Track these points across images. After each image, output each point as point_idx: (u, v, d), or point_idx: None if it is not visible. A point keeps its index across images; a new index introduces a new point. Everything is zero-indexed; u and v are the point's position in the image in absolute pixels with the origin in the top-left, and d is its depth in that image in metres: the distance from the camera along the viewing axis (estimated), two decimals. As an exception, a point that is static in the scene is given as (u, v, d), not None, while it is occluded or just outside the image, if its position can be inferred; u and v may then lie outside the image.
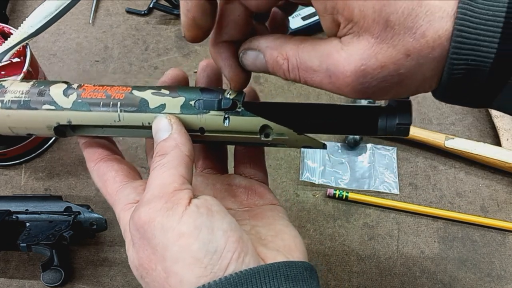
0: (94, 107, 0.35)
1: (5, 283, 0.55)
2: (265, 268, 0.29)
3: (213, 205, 0.31)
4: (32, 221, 0.54)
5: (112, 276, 0.56)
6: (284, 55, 0.30)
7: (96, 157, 0.37)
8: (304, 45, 0.30)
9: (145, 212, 0.30)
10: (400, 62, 0.26)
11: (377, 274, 0.57)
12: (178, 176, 0.31)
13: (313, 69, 0.29)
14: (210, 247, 0.28)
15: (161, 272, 0.29)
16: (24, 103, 0.36)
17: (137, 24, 0.77)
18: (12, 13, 0.77)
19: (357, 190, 0.62)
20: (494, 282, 0.57)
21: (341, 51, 0.27)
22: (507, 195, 0.62)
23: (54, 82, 0.37)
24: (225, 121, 0.34)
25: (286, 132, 0.34)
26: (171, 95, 0.35)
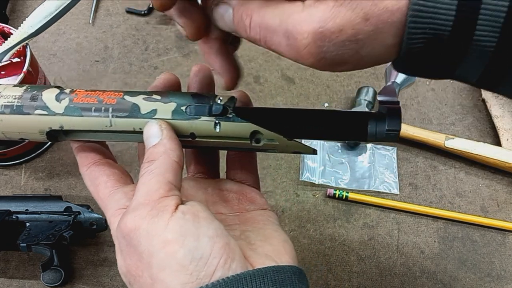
0: (86, 112, 0.35)
1: (5, 283, 0.55)
2: (252, 273, 0.29)
3: (200, 211, 0.31)
4: (32, 221, 0.54)
5: (112, 276, 0.56)
6: (248, 11, 0.29)
7: (89, 161, 0.37)
8: (269, 3, 0.29)
9: (131, 219, 0.30)
10: (358, 26, 0.26)
11: (377, 274, 0.57)
12: (165, 183, 0.31)
13: (273, 29, 0.28)
14: (196, 253, 0.28)
15: (148, 279, 0.29)
16: (17, 108, 0.36)
17: (137, 24, 0.77)
18: (12, 13, 0.77)
19: (357, 190, 0.62)
20: (494, 282, 0.57)
21: (301, 13, 0.27)
22: (507, 195, 0.62)
23: (47, 87, 0.37)
24: (216, 126, 0.34)
25: (276, 138, 0.35)
26: (162, 101, 0.35)
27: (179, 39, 0.75)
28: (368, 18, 0.25)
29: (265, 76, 0.72)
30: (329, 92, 0.70)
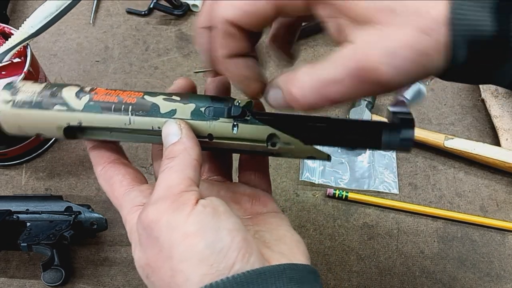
0: (106, 109, 0.36)
1: (6, 283, 0.55)
2: (270, 269, 0.30)
3: (219, 206, 0.31)
4: (32, 221, 0.54)
5: (113, 275, 0.56)
6: (297, 84, 0.30)
7: (104, 161, 0.38)
8: (317, 65, 0.30)
9: (152, 211, 0.30)
10: (420, 39, 0.27)
11: (377, 273, 0.57)
12: (185, 178, 0.32)
13: (335, 80, 0.28)
14: (216, 246, 0.29)
15: (168, 270, 0.29)
16: (36, 103, 0.36)
17: (137, 25, 0.77)
18: (13, 14, 0.77)
19: (356, 190, 0.62)
20: (494, 281, 0.57)
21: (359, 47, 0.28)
22: (506, 195, 0.63)
23: (67, 85, 0.37)
24: (234, 128, 0.35)
25: (292, 142, 0.35)
26: (182, 102, 0.35)
27: (179, 39, 0.75)
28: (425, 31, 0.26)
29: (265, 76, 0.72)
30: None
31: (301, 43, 0.75)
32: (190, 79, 0.40)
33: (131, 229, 0.34)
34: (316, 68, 0.29)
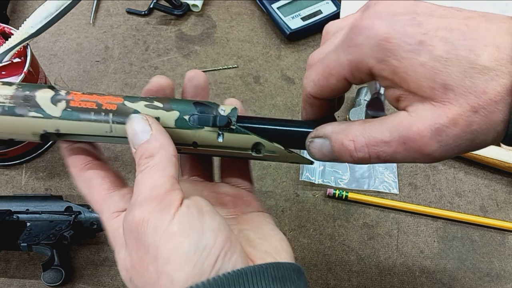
0: (85, 116, 0.34)
1: (6, 283, 0.55)
2: (252, 269, 0.30)
3: (204, 206, 0.31)
4: (32, 221, 0.54)
5: (113, 275, 0.56)
6: (350, 136, 0.32)
7: (81, 162, 0.37)
8: (370, 123, 0.31)
9: (139, 213, 0.30)
10: (470, 118, 0.28)
11: (377, 273, 0.57)
12: (168, 177, 0.32)
13: (384, 141, 0.30)
14: (200, 245, 0.29)
15: (153, 273, 0.29)
16: (9, 109, 0.34)
17: (137, 25, 0.77)
18: (13, 14, 0.77)
19: (356, 190, 0.62)
20: (494, 281, 0.57)
21: (410, 117, 0.29)
22: (506, 195, 0.63)
23: (40, 87, 0.36)
24: (219, 137, 0.35)
25: (276, 150, 0.36)
26: (165, 108, 0.35)
27: (179, 39, 0.75)
28: (476, 110, 0.28)
29: (265, 76, 0.72)
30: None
31: (301, 43, 0.75)
32: (168, 78, 0.39)
33: (113, 234, 0.34)
34: (370, 126, 0.31)
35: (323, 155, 0.34)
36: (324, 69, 0.33)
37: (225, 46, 0.75)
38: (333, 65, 0.32)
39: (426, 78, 0.28)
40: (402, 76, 0.29)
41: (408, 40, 0.28)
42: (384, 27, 0.29)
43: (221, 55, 0.74)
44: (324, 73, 0.33)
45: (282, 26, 0.73)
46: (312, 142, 0.35)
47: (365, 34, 0.30)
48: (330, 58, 0.32)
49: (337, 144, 0.32)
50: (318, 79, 0.33)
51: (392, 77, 0.29)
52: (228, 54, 0.74)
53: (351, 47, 0.30)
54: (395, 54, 0.29)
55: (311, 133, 0.35)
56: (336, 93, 0.34)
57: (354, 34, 0.30)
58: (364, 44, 0.30)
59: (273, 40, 0.75)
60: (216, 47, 0.75)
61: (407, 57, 0.28)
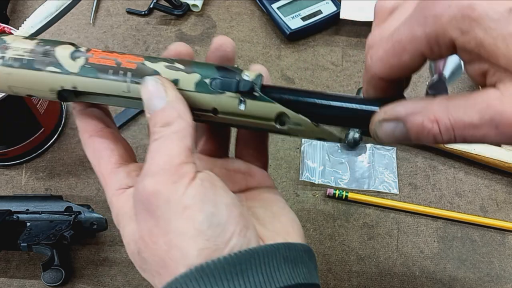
0: (103, 74, 0.33)
1: (6, 283, 0.55)
2: (264, 248, 0.29)
3: (216, 180, 0.30)
4: (32, 221, 0.54)
5: (113, 275, 0.56)
6: (432, 117, 0.28)
7: (92, 129, 0.36)
8: (454, 102, 0.28)
9: (151, 183, 0.29)
10: None
11: (377, 273, 0.57)
12: (184, 148, 0.30)
13: (473, 124, 0.27)
14: (214, 219, 0.28)
15: (163, 245, 0.29)
16: (28, 63, 0.34)
17: (137, 25, 0.77)
18: (13, 14, 0.77)
19: (356, 190, 0.62)
20: (494, 281, 0.57)
21: (503, 98, 0.26)
22: (506, 195, 0.63)
23: (61, 43, 0.35)
24: (241, 104, 0.32)
25: (303, 123, 0.33)
26: (185, 70, 0.33)
27: (179, 39, 0.75)
28: None
29: (265, 76, 0.72)
30: (336, 85, 0.70)
31: (301, 43, 0.75)
32: (187, 45, 0.37)
33: (118, 211, 0.33)
34: (455, 106, 0.28)
35: (395, 138, 0.30)
36: (394, 45, 0.29)
37: (225, 46, 0.75)
38: (406, 39, 0.28)
39: None
40: (490, 49, 0.26)
41: (496, 7, 0.25)
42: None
43: (221, 55, 0.74)
44: (395, 49, 0.29)
45: (282, 26, 0.73)
46: (381, 126, 0.31)
47: (444, 2, 0.26)
48: (401, 32, 0.29)
49: (415, 126, 0.29)
50: (388, 57, 0.30)
51: (479, 50, 0.26)
52: (228, 54, 0.74)
53: (428, 18, 0.27)
54: (481, 23, 0.25)
55: (378, 116, 0.31)
56: (408, 71, 0.30)
57: (431, 4, 0.27)
58: (445, 13, 0.26)
59: (273, 40, 0.75)
60: (216, 47, 0.74)
61: (496, 27, 0.25)
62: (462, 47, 0.27)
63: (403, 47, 0.29)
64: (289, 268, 0.30)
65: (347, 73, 0.72)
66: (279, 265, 0.29)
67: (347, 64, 0.73)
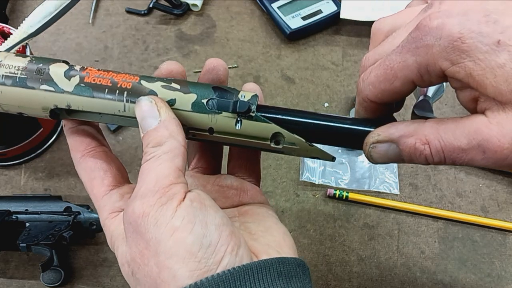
0: (98, 93, 0.33)
1: (5, 283, 0.55)
2: (257, 264, 0.29)
3: (206, 200, 0.30)
4: (31, 221, 0.54)
5: (112, 276, 0.55)
6: (423, 140, 0.30)
7: (84, 148, 0.36)
8: (445, 125, 0.29)
9: (139, 206, 0.29)
10: None
11: (377, 274, 0.57)
12: (174, 169, 0.30)
13: (461, 148, 0.28)
14: (204, 241, 0.28)
15: (154, 267, 0.29)
16: (20, 81, 0.33)
17: (137, 24, 0.76)
18: (12, 13, 0.77)
19: (357, 190, 0.62)
20: (495, 282, 0.57)
21: (490, 125, 0.27)
22: (507, 195, 0.62)
23: (54, 61, 0.35)
24: (237, 124, 0.33)
25: (297, 142, 0.34)
26: (182, 90, 0.33)
27: (179, 39, 0.75)
28: None
29: (265, 76, 0.72)
30: (329, 92, 0.70)
31: (301, 42, 0.75)
32: (179, 64, 0.37)
33: (112, 233, 0.33)
34: (444, 129, 0.29)
35: (388, 159, 0.32)
36: (386, 71, 0.30)
37: (225, 46, 0.74)
38: (397, 67, 0.30)
39: (506, 82, 0.26)
40: (479, 80, 0.27)
41: (485, 40, 0.26)
42: (457, 26, 0.27)
43: (221, 55, 0.73)
44: (387, 75, 0.30)
45: (282, 25, 0.73)
46: (375, 148, 0.32)
47: (435, 34, 0.27)
48: (393, 59, 0.30)
49: (408, 148, 0.30)
50: (379, 82, 0.31)
51: (468, 80, 0.27)
52: (228, 54, 0.74)
53: (420, 48, 0.28)
54: (470, 55, 0.27)
55: (371, 137, 0.32)
56: (398, 96, 0.32)
57: (423, 34, 0.28)
58: (435, 44, 0.28)
59: (273, 39, 0.75)
60: (216, 46, 0.74)
61: (484, 58, 0.26)
62: (452, 76, 0.28)
63: (394, 74, 0.30)
64: (283, 283, 0.30)
65: (347, 72, 0.72)
66: (273, 280, 0.29)
67: (347, 64, 0.73)
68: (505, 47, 0.26)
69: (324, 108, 0.69)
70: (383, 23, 0.34)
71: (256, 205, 0.38)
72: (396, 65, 0.30)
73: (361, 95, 0.33)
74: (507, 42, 0.26)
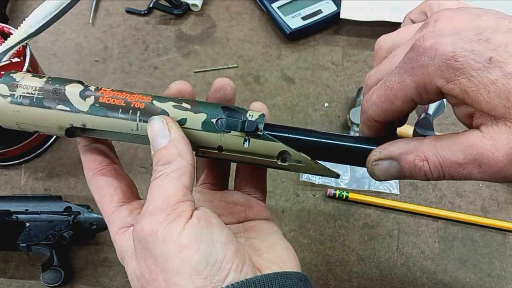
0: (112, 113, 0.34)
1: (5, 283, 0.55)
2: (261, 278, 0.30)
3: (212, 218, 0.31)
4: (32, 221, 0.54)
5: (112, 276, 0.55)
6: (422, 156, 0.31)
7: (96, 166, 0.37)
8: (442, 142, 0.30)
9: (148, 224, 0.30)
10: None
11: (377, 274, 0.57)
12: (181, 187, 0.31)
13: (458, 163, 0.30)
14: (210, 258, 0.29)
15: (162, 282, 0.29)
16: (37, 101, 0.35)
17: (137, 24, 0.76)
18: (12, 13, 0.77)
19: (357, 190, 0.62)
20: (494, 282, 0.57)
21: (484, 140, 0.29)
22: (507, 195, 0.62)
23: (69, 81, 0.36)
24: (245, 142, 0.35)
25: (303, 160, 0.35)
26: (192, 110, 0.35)
27: (179, 39, 0.75)
28: None
29: (265, 76, 0.72)
30: (329, 92, 0.70)
31: (301, 42, 0.75)
32: (188, 83, 0.38)
33: (121, 248, 0.34)
34: (442, 145, 0.30)
35: (390, 176, 0.33)
36: (387, 91, 0.32)
37: (225, 46, 0.74)
38: (397, 87, 0.31)
39: (499, 97, 0.27)
40: (473, 96, 0.28)
41: (477, 57, 0.27)
42: (450, 45, 0.28)
43: (221, 55, 0.73)
44: (388, 95, 0.32)
45: (282, 25, 0.73)
46: (376, 165, 0.33)
47: (429, 54, 0.29)
48: (392, 80, 0.31)
49: (408, 165, 0.32)
50: (381, 103, 0.32)
51: (463, 96, 0.28)
52: (228, 54, 0.74)
53: (416, 68, 0.30)
54: (464, 73, 0.28)
55: (373, 155, 0.34)
56: (400, 114, 0.33)
57: (418, 55, 0.29)
58: (430, 64, 0.29)
59: (273, 39, 0.75)
60: (216, 46, 0.74)
61: (477, 75, 0.27)
62: (448, 93, 0.29)
63: (395, 94, 0.31)
64: None
65: (347, 72, 0.72)
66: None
67: (347, 64, 0.73)
68: (497, 63, 0.27)
69: (324, 108, 0.69)
70: (385, 41, 0.36)
71: (261, 221, 0.39)
72: (396, 85, 0.31)
73: (365, 115, 0.34)
74: (498, 59, 0.27)
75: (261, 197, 0.41)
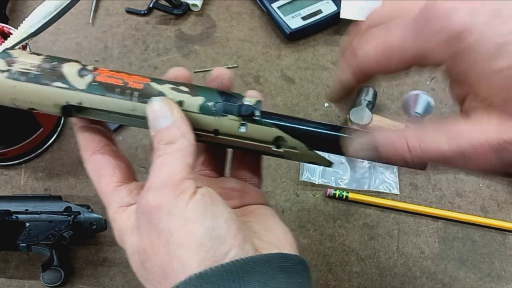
0: (110, 92, 0.34)
1: (5, 283, 0.55)
2: (260, 258, 0.30)
3: (215, 196, 0.32)
4: (32, 221, 0.54)
5: (112, 276, 0.55)
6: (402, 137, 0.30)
7: (94, 146, 0.36)
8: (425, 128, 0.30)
9: (154, 197, 0.30)
10: None
11: (377, 274, 0.57)
12: (185, 165, 0.32)
13: (442, 150, 0.29)
14: (214, 233, 0.29)
15: (164, 256, 0.30)
16: (35, 77, 0.34)
17: (137, 24, 0.76)
18: (12, 13, 0.77)
19: (357, 190, 0.62)
20: (494, 282, 0.57)
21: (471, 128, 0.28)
22: (507, 195, 0.62)
23: (67, 60, 0.36)
24: (241, 127, 0.35)
25: (298, 147, 0.35)
26: (190, 93, 0.35)
27: (179, 39, 0.75)
28: None
29: (265, 76, 0.72)
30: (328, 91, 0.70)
31: (301, 42, 0.75)
32: (186, 69, 0.38)
33: (120, 227, 0.34)
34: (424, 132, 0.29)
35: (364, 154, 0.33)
36: (385, 46, 0.30)
37: (225, 46, 0.74)
38: (397, 46, 0.29)
39: (501, 88, 0.26)
40: (474, 79, 0.27)
41: (486, 42, 0.26)
42: (466, 17, 0.26)
43: (221, 55, 0.73)
44: (385, 51, 0.30)
45: (282, 25, 0.73)
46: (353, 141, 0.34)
47: (440, 22, 0.27)
48: (394, 37, 0.30)
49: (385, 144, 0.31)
50: (376, 55, 0.31)
51: (464, 77, 0.27)
52: (228, 54, 0.74)
53: (423, 34, 0.28)
54: (472, 52, 0.26)
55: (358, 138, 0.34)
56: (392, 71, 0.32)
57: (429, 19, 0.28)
58: (440, 33, 0.27)
59: (273, 39, 0.75)
60: (216, 46, 0.74)
61: (484, 58, 0.26)
62: (450, 68, 0.28)
63: (393, 51, 0.30)
64: (283, 277, 0.31)
65: (347, 72, 0.72)
66: (274, 274, 0.30)
67: (347, 64, 0.73)
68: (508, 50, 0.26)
69: (324, 108, 0.69)
70: None
71: (258, 205, 0.39)
72: (397, 43, 0.30)
73: (353, 62, 0.33)
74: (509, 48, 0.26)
75: (257, 183, 0.41)
